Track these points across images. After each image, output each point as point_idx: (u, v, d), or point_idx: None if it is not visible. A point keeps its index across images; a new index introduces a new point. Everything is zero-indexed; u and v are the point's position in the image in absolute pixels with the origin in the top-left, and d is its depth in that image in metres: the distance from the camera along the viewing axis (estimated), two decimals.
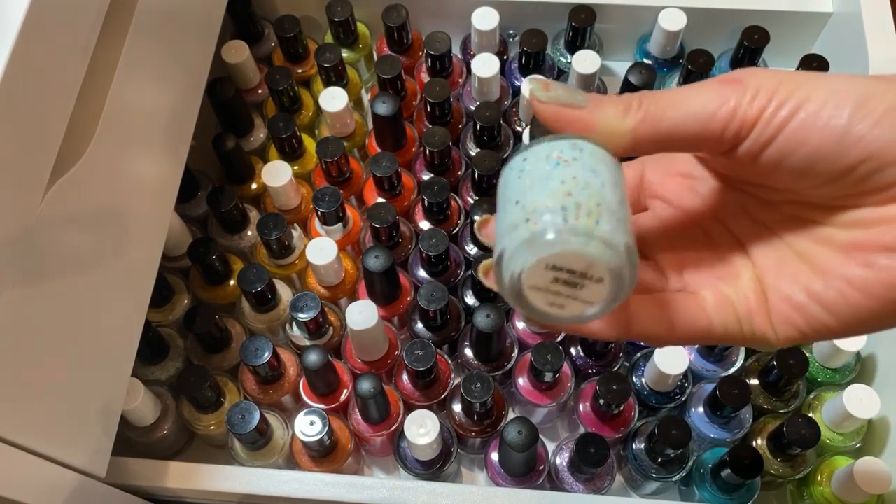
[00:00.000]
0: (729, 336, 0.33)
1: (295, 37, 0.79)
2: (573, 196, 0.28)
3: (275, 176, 0.71)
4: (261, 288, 0.67)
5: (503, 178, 0.31)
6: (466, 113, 0.80)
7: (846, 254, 0.30)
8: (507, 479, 0.65)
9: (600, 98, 0.30)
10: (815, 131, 0.28)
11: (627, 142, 0.30)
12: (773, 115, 0.28)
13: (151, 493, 0.62)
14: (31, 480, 0.47)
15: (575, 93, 0.30)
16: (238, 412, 0.62)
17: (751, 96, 0.28)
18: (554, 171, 0.29)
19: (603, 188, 0.28)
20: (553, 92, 0.30)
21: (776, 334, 0.32)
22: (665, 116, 0.29)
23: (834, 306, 0.30)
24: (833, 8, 0.77)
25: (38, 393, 0.47)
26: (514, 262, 0.29)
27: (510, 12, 0.80)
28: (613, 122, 0.30)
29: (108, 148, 0.51)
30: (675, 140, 0.30)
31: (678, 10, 0.76)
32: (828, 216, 0.30)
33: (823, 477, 0.65)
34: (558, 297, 0.30)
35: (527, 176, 0.29)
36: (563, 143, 0.30)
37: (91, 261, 0.51)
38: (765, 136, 0.28)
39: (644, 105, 0.30)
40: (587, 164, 0.29)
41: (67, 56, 0.47)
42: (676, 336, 0.33)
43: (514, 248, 0.28)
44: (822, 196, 0.30)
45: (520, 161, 0.30)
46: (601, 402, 0.64)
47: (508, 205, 0.29)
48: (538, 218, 0.28)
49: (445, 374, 0.68)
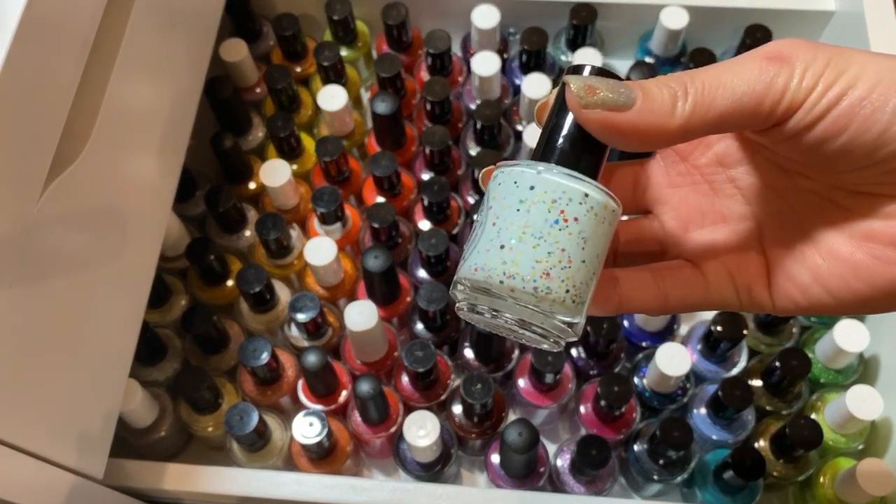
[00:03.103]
0: (724, 304, 0.33)
1: (294, 35, 0.79)
2: (551, 276, 0.28)
3: (273, 175, 0.71)
4: (259, 288, 0.67)
5: (507, 179, 0.30)
6: (466, 112, 0.79)
7: (859, 242, 0.30)
8: (508, 481, 0.65)
9: (647, 92, 0.28)
10: (858, 119, 0.27)
11: (677, 138, 0.29)
12: (818, 98, 0.27)
13: (149, 494, 0.62)
14: (28, 482, 0.47)
15: (619, 88, 0.28)
16: (236, 413, 0.62)
17: (798, 78, 0.27)
18: (549, 231, 0.28)
19: (582, 266, 0.29)
20: (599, 95, 0.28)
21: (773, 305, 0.32)
22: (714, 105, 0.28)
23: (835, 291, 0.30)
24: (836, 6, 0.77)
25: (34, 394, 0.47)
26: (466, 294, 0.30)
27: (511, 10, 0.79)
28: (663, 121, 0.28)
29: (105, 147, 0.51)
30: (722, 126, 0.28)
31: (680, 8, 0.75)
32: (850, 200, 0.30)
33: (826, 478, 0.64)
34: (501, 329, 0.31)
35: (525, 214, 0.29)
36: (574, 192, 0.28)
37: (88, 261, 0.51)
38: (808, 119, 0.27)
39: (691, 94, 0.28)
40: (584, 231, 0.29)
41: (64, 54, 0.46)
42: (670, 308, 0.33)
43: (475, 279, 0.29)
44: (850, 181, 0.29)
45: (529, 180, 0.29)
46: (602, 403, 0.64)
47: (502, 220, 0.29)
48: (511, 281, 0.28)
49: (445, 376, 0.68)
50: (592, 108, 0.28)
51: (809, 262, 0.31)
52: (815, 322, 0.71)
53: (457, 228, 0.74)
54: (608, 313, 0.33)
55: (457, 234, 0.74)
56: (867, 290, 0.29)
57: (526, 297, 0.28)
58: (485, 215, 0.30)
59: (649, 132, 0.28)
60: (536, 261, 0.28)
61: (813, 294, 0.31)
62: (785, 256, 0.32)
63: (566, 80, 0.29)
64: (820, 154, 0.28)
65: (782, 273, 0.32)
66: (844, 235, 0.30)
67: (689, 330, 0.71)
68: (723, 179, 0.34)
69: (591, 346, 0.68)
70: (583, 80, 0.28)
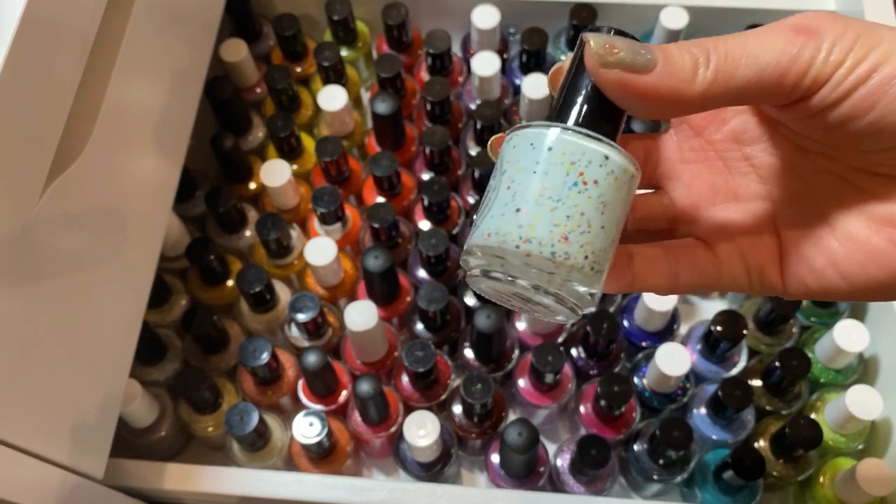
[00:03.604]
0: (735, 286, 0.32)
1: (294, 35, 0.79)
2: (569, 241, 0.27)
3: (273, 175, 0.71)
4: (259, 288, 0.67)
5: (522, 142, 0.28)
6: (466, 112, 0.79)
7: (878, 226, 0.29)
8: (508, 481, 0.65)
9: (668, 56, 0.27)
10: (888, 97, 0.26)
11: (697, 105, 0.27)
12: (846, 73, 0.26)
13: (149, 494, 0.62)
14: (28, 482, 0.47)
15: (639, 50, 0.27)
16: (236, 413, 0.62)
17: (826, 52, 0.26)
18: (568, 194, 0.27)
19: (601, 232, 0.27)
20: (619, 55, 0.27)
21: (784, 289, 0.31)
22: (736, 74, 0.27)
23: (850, 275, 0.29)
24: (836, 6, 0.77)
25: (34, 393, 0.47)
26: (480, 259, 0.28)
27: (511, 10, 0.79)
28: (684, 86, 0.27)
29: (105, 147, 0.51)
30: (744, 97, 0.27)
31: (680, 8, 0.75)
32: (869, 183, 0.29)
33: (826, 478, 0.64)
34: (513, 300, 0.30)
35: (543, 176, 0.27)
36: (594, 153, 0.27)
37: (88, 261, 0.51)
38: (834, 95, 0.27)
39: (713, 62, 0.27)
40: (603, 195, 0.27)
41: (65, 54, 0.46)
42: (681, 288, 0.32)
43: (488, 244, 0.27)
44: (873, 162, 0.28)
45: (547, 141, 0.28)
46: (602, 403, 0.64)
47: (518, 184, 0.28)
48: (527, 245, 0.27)
49: (445, 376, 0.68)
50: (611, 67, 0.27)
51: (825, 245, 0.30)
52: (815, 322, 0.71)
53: (457, 228, 0.74)
54: (621, 290, 0.32)
55: (457, 234, 0.74)
56: (883, 274, 0.28)
57: (543, 263, 0.27)
58: (498, 180, 0.28)
59: (668, 97, 0.27)
60: (555, 224, 0.27)
61: (826, 278, 0.30)
62: (800, 238, 0.31)
63: (585, 38, 0.28)
64: (844, 133, 0.27)
65: (796, 255, 0.31)
66: (863, 219, 0.29)
67: (688, 330, 0.71)
68: (738, 157, 0.33)
69: (590, 346, 0.68)
70: (603, 38, 0.27)
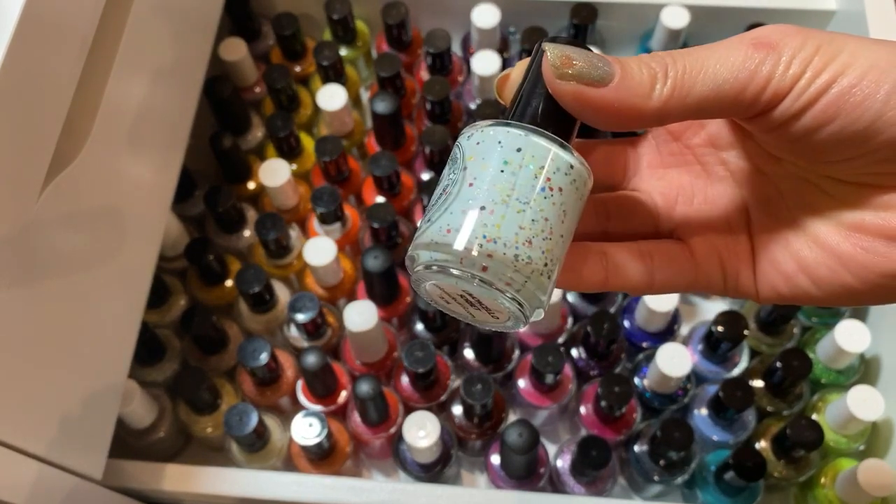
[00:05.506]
0: (710, 287, 0.32)
1: (293, 34, 0.78)
2: (532, 245, 0.27)
3: (273, 175, 0.71)
4: (258, 288, 0.66)
5: (487, 139, 0.28)
6: (466, 111, 0.79)
7: (847, 233, 0.29)
8: (508, 482, 0.65)
9: (626, 70, 0.27)
10: (848, 107, 0.26)
11: (653, 120, 0.28)
12: (806, 86, 0.26)
13: (148, 495, 0.62)
14: (27, 483, 0.47)
15: (597, 63, 0.27)
16: (235, 414, 0.61)
17: (785, 66, 0.26)
18: (536, 198, 0.27)
19: (560, 240, 0.27)
20: (576, 67, 0.27)
21: (757, 292, 0.32)
22: (693, 90, 0.27)
23: (821, 281, 0.29)
24: (837, 5, 0.77)
25: (32, 394, 0.47)
26: (433, 255, 0.27)
27: (511, 9, 0.79)
28: (639, 101, 0.27)
29: (104, 147, 0.51)
30: (702, 112, 0.27)
31: (681, 7, 0.75)
32: (839, 190, 0.29)
33: (827, 479, 0.64)
34: (454, 303, 0.29)
35: (511, 176, 0.27)
36: (562, 161, 0.27)
37: (87, 261, 0.51)
38: (795, 108, 0.27)
39: (671, 77, 0.27)
40: (565, 203, 0.27)
41: (63, 53, 0.46)
42: (656, 287, 0.32)
43: (447, 241, 0.27)
44: (840, 171, 0.28)
45: (516, 141, 0.27)
46: (603, 403, 0.63)
47: (482, 181, 0.27)
48: (491, 245, 0.26)
49: (445, 376, 0.68)
50: (567, 80, 0.27)
51: (796, 251, 0.30)
52: (816, 322, 0.71)
53: None
54: (594, 289, 0.32)
55: None
56: (854, 281, 0.28)
57: (504, 265, 0.26)
58: (458, 175, 0.28)
59: (623, 111, 0.27)
60: (521, 227, 0.26)
61: (797, 283, 0.30)
62: (770, 242, 0.31)
63: (544, 48, 0.28)
64: (808, 144, 0.27)
65: (767, 260, 0.31)
66: (832, 225, 0.29)
67: (689, 330, 0.71)
68: (715, 161, 0.33)
69: (591, 347, 0.68)
70: (560, 49, 0.27)
